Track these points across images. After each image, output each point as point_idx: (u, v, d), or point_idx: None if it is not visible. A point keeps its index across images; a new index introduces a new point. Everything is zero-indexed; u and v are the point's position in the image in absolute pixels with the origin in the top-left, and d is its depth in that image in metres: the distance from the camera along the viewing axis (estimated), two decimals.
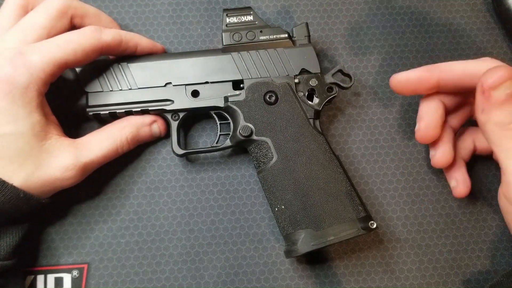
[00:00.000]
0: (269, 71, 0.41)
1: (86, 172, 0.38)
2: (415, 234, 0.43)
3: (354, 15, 0.48)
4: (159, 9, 0.46)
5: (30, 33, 0.36)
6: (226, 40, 0.41)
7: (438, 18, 0.48)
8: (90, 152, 0.37)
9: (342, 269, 0.42)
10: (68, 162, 0.36)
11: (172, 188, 0.43)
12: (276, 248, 0.42)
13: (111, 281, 0.41)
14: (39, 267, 0.40)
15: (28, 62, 0.34)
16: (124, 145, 0.40)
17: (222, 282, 0.41)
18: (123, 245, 0.42)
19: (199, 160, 0.44)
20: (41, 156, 0.35)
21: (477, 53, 0.47)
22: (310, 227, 0.37)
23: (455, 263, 0.43)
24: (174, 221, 0.42)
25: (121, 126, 0.40)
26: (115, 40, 0.38)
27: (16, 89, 0.33)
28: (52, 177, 0.35)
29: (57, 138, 0.36)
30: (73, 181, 0.37)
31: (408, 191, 0.44)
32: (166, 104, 0.41)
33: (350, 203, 0.38)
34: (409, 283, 0.42)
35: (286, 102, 0.40)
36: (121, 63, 0.40)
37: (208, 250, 0.42)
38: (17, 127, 0.34)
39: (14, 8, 0.38)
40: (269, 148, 0.39)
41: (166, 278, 0.41)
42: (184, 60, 0.41)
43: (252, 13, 0.42)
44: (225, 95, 0.41)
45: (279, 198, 0.39)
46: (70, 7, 0.38)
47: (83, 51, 0.36)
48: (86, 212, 0.42)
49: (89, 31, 0.37)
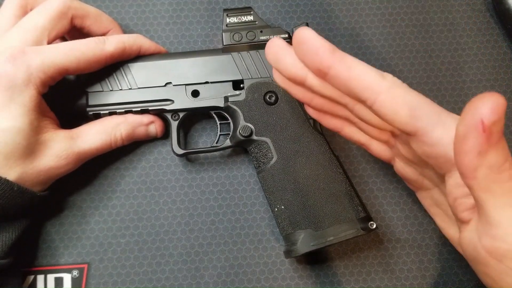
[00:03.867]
0: (269, 71, 0.41)
1: (80, 161, 0.39)
2: (415, 234, 0.43)
3: (354, 15, 0.48)
4: (159, 9, 0.46)
5: (30, 33, 0.36)
6: (226, 40, 0.41)
7: (438, 18, 0.48)
8: (84, 143, 0.38)
9: (342, 269, 0.42)
10: (62, 151, 0.37)
11: (172, 188, 0.43)
12: (276, 248, 0.42)
13: (111, 281, 0.41)
14: (39, 267, 0.40)
15: (29, 62, 0.34)
16: (118, 141, 0.40)
17: (222, 282, 0.41)
18: (123, 245, 0.42)
19: (199, 160, 0.44)
20: (37, 149, 0.35)
21: (477, 53, 0.47)
22: (309, 228, 0.37)
23: (455, 263, 0.43)
24: (174, 221, 0.42)
25: (117, 122, 0.40)
26: (118, 49, 0.39)
27: (15, 86, 0.34)
28: (47, 166, 0.36)
29: (53, 131, 0.37)
30: (67, 169, 0.38)
31: (408, 191, 0.44)
32: (166, 104, 0.41)
33: (349, 204, 0.38)
34: (409, 283, 0.42)
35: (286, 102, 0.40)
36: (121, 63, 0.40)
37: (208, 250, 0.42)
38: (15, 123, 0.34)
39: (14, 8, 0.38)
40: (269, 148, 0.39)
41: (166, 278, 0.41)
42: (184, 60, 0.41)
43: (252, 13, 0.42)
44: (225, 95, 0.41)
45: (278, 198, 0.39)
46: (71, 7, 0.38)
47: (86, 61, 0.37)
48: (86, 212, 0.42)
49: (93, 42, 0.37)
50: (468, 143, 0.24)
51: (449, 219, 0.36)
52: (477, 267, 0.30)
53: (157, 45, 0.42)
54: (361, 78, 0.29)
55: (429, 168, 0.34)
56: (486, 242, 0.28)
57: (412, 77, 0.47)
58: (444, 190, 0.34)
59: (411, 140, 0.31)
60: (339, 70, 0.29)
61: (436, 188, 0.36)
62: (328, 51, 0.29)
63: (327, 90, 0.32)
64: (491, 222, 0.27)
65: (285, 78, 0.33)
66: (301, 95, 0.34)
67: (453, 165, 0.30)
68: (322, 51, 0.29)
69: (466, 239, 0.30)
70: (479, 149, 0.24)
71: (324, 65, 0.29)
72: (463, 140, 0.25)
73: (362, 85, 0.29)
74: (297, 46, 0.30)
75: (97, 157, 0.40)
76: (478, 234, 0.28)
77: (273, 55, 0.32)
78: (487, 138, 0.24)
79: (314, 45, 0.29)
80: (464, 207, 0.30)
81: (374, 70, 0.30)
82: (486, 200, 0.26)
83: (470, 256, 0.30)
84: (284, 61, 0.31)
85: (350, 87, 0.30)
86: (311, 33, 0.29)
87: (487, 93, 0.24)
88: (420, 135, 0.30)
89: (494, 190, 0.26)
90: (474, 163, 0.25)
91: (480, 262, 0.29)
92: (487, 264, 0.28)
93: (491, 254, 0.27)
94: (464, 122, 0.24)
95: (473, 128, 0.24)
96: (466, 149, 0.25)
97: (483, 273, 0.29)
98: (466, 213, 0.30)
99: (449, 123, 0.29)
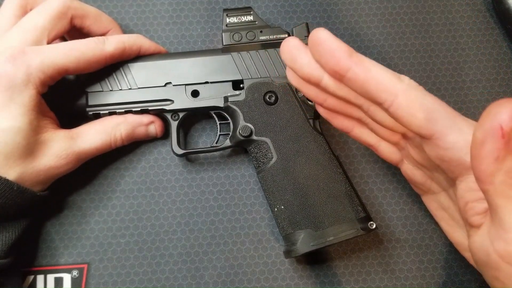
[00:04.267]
0: (269, 71, 0.41)
1: (80, 161, 0.39)
2: (415, 234, 0.43)
3: (354, 15, 0.48)
4: (159, 9, 0.46)
5: (30, 33, 0.36)
6: (226, 40, 0.41)
7: (438, 18, 0.48)
8: (83, 142, 0.38)
9: (342, 269, 0.42)
10: (61, 150, 0.37)
11: (172, 188, 0.43)
12: (276, 248, 0.42)
13: (111, 281, 0.41)
14: (39, 267, 0.40)
15: (29, 62, 0.34)
16: (117, 141, 0.40)
17: (222, 282, 0.41)
18: (123, 245, 0.42)
19: (199, 160, 0.44)
20: (37, 148, 0.35)
21: (477, 53, 0.47)
22: (309, 228, 0.37)
23: (455, 263, 0.43)
24: (174, 221, 0.42)
25: (117, 122, 0.40)
26: (118, 49, 0.39)
27: (15, 86, 0.34)
28: (46, 166, 0.36)
29: (53, 131, 0.37)
30: (67, 168, 0.38)
31: (408, 191, 0.44)
32: (166, 104, 0.41)
33: (349, 204, 0.38)
34: (409, 283, 0.42)
35: (286, 102, 0.40)
36: (121, 63, 0.40)
37: (208, 250, 0.42)
38: (15, 122, 0.34)
39: (14, 8, 0.38)
40: (268, 148, 0.39)
41: (166, 278, 0.41)
42: (184, 60, 0.41)
43: (252, 13, 0.42)
44: (225, 95, 0.41)
45: (278, 198, 0.39)
46: (70, 7, 0.38)
47: (86, 61, 0.37)
48: (86, 212, 0.42)
49: (93, 42, 0.37)
50: (486, 149, 0.24)
51: (456, 223, 0.36)
52: (487, 272, 0.30)
53: (157, 45, 0.42)
54: (379, 80, 0.29)
55: (438, 172, 0.34)
56: (499, 246, 0.27)
57: (412, 77, 0.46)
58: (451, 194, 0.34)
59: (424, 143, 0.31)
60: (357, 72, 0.29)
61: (443, 192, 0.36)
62: (345, 53, 0.29)
63: (343, 91, 0.32)
64: (505, 226, 0.26)
65: (299, 77, 0.33)
66: (314, 95, 0.34)
67: (465, 169, 0.30)
68: (339, 53, 0.29)
69: (476, 243, 0.30)
70: (497, 154, 0.24)
71: (341, 67, 0.29)
72: (480, 145, 0.24)
73: (380, 88, 0.29)
74: (313, 47, 0.30)
75: (97, 157, 0.40)
76: (491, 238, 0.28)
77: (288, 55, 0.32)
78: (506, 144, 0.24)
79: (331, 47, 0.29)
80: (475, 211, 0.30)
81: (391, 72, 0.30)
82: (502, 206, 0.26)
83: (480, 260, 0.30)
84: (300, 61, 0.31)
85: (367, 89, 0.30)
86: (327, 34, 0.29)
87: (506, 99, 0.24)
88: (435, 139, 0.30)
89: (510, 195, 0.25)
90: (491, 169, 0.25)
91: (491, 266, 0.29)
92: (499, 268, 0.28)
93: (503, 258, 0.27)
94: (483, 127, 0.24)
95: (491, 134, 0.24)
96: (484, 154, 0.25)
97: (493, 277, 0.29)
98: (477, 218, 0.30)
99: (464, 128, 0.30)
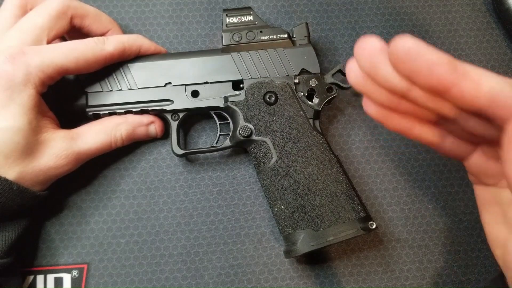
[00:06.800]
0: (269, 71, 0.41)
1: (80, 162, 0.39)
2: (415, 234, 0.43)
3: (354, 15, 0.48)
4: (159, 9, 0.46)
5: (29, 33, 0.36)
6: (226, 40, 0.41)
7: (438, 18, 0.48)
8: (84, 143, 0.38)
9: (342, 269, 0.42)
10: (61, 150, 0.37)
11: (172, 188, 0.43)
12: (276, 248, 0.42)
13: (111, 281, 0.41)
14: (39, 267, 0.40)
15: (28, 61, 0.34)
16: (118, 141, 0.40)
17: (222, 282, 0.41)
18: (123, 245, 0.42)
19: (199, 160, 0.44)
20: (36, 148, 0.35)
21: (477, 53, 0.47)
22: (309, 228, 0.37)
23: (455, 263, 0.43)
24: (174, 221, 0.42)
25: (117, 122, 0.40)
26: (118, 49, 0.39)
27: (14, 86, 0.34)
28: (46, 166, 0.36)
29: (52, 131, 0.37)
30: (67, 169, 0.38)
31: (408, 191, 0.44)
32: (166, 104, 0.41)
33: (349, 204, 0.38)
34: (409, 283, 0.42)
35: (286, 102, 0.40)
36: (121, 63, 0.40)
37: (208, 250, 0.42)
38: (14, 122, 0.34)
39: (14, 8, 0.38)
40: (268, 148, 0.39)
41: (166, 278, 0.41)
42: (184, 60, 0.41)
43: (252, 13, 0.42)
44: (225, 95, 0.41)
45: (278, 198, 0.39)
46: (70, 7, 0.38)
47: (85, 61, 0.37)
48: (86, 212, 0.42)
49: (93, 42, 0.37)
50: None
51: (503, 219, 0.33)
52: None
53: (157, 45, 0.42)
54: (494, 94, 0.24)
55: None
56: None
57: None
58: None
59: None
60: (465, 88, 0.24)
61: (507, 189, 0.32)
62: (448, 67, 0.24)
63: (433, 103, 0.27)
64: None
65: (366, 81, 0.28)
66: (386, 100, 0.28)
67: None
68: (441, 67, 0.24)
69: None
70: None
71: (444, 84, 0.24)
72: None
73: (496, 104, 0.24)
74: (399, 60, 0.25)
75: (97, 157, 0.40)
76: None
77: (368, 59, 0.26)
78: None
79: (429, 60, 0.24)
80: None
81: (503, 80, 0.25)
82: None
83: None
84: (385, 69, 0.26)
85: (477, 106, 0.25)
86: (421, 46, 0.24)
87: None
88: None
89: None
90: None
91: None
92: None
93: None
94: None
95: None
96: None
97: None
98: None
99: None
